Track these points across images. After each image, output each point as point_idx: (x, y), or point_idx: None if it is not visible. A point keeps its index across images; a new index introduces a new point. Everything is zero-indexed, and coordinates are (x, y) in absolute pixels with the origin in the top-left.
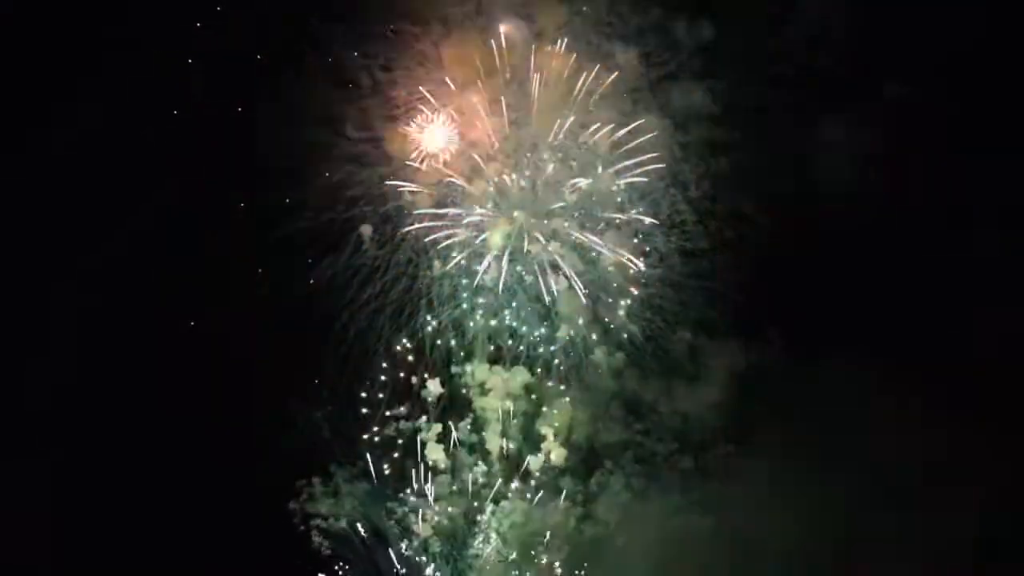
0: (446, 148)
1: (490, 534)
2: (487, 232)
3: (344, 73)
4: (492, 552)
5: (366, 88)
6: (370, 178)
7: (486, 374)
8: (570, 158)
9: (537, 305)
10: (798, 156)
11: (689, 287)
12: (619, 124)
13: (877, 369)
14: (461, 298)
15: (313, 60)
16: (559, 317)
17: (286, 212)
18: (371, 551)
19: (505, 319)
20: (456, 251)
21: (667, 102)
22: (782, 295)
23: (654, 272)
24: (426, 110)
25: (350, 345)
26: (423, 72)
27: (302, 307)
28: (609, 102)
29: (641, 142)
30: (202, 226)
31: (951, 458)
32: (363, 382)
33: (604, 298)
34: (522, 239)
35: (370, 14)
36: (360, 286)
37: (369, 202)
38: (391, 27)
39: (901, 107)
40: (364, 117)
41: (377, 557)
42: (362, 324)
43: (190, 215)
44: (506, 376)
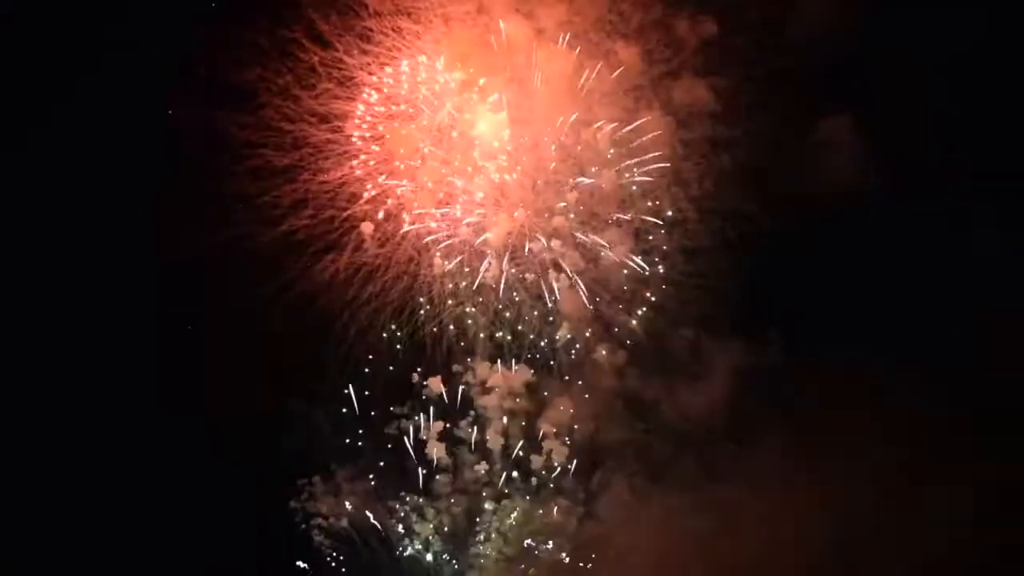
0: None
1: (491, 533)
2: (488, 231)
3: (345, 70)
4: (493, 551)
5: (366, 86)
6: (371, 176)
7: (487, 372)
8: (571, 156)
9: (538, 304)
10: (800, 155)
11: (691, 285)
12: (621, 122)
13: (877, 369)
14: (462, 297)
15: (314, 58)
16: (560, 315)
17: (286, 210)
18: (372, 550)
19: (506, 318)
20: (457, 250)
21: (669, 99)
22: (783, 294)
23: (655, 271)
24: (426, 109)
25: (350, 344)
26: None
27: (303, 306)
28: (611, 99)
29: (643, 140)
30: (202, 226)
31: (951, 458)
32: (364, 381)
33: (605, 297)
34: (523, 238)
35: (370, 10)
36: (361, 285)
37: (370, 200)
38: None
39: (901, 107)
40: (364, 115)
41: (378, 556)
42: (363, 323)
43: (190, 215)
44: (507, 374)
